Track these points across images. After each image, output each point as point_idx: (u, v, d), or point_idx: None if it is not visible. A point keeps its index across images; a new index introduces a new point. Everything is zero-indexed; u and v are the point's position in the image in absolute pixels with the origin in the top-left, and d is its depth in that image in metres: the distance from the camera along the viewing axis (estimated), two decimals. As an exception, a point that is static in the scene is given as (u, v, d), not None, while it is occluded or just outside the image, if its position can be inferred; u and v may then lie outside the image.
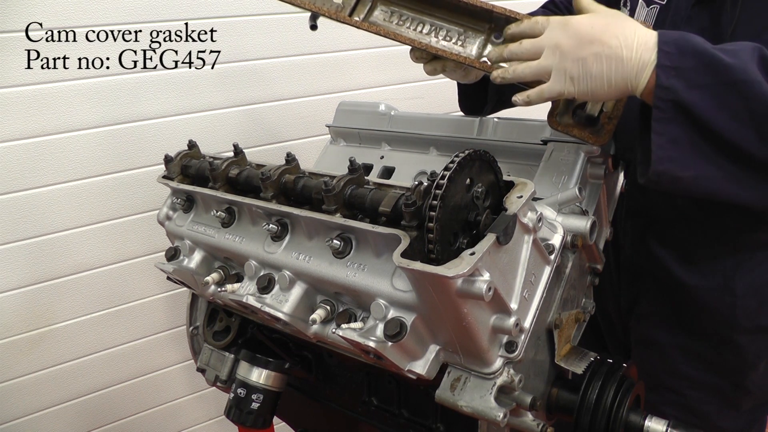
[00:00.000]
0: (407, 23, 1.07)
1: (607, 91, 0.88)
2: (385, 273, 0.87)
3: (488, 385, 0.85)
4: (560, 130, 1.00)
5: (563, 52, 0.88)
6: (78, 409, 1.81)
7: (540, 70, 0.91)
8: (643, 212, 1.26)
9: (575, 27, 0.88)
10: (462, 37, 1.05)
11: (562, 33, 0.89)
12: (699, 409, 1.23)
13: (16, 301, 1.65)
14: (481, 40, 1.04)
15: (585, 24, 0.88)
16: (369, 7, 1.08)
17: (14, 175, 1.57)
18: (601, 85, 0.87)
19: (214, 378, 1.24)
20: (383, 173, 1.33)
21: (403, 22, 1.07)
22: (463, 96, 1.35)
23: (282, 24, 1.85)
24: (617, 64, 0.86)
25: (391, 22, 1.07)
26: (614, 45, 0.86)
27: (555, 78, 0.89)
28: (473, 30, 1.05)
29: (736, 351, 1.19)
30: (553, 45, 0.89)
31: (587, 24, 0.88)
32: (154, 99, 1.71)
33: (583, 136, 0.99)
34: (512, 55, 0.94)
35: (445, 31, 1.05)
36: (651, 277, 1.27)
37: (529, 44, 0.92)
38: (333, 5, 1.08)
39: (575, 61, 0.87)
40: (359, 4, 1.08)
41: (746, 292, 1.16)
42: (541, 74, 0.91)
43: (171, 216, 1.24)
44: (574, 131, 0.99)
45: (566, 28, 0.89)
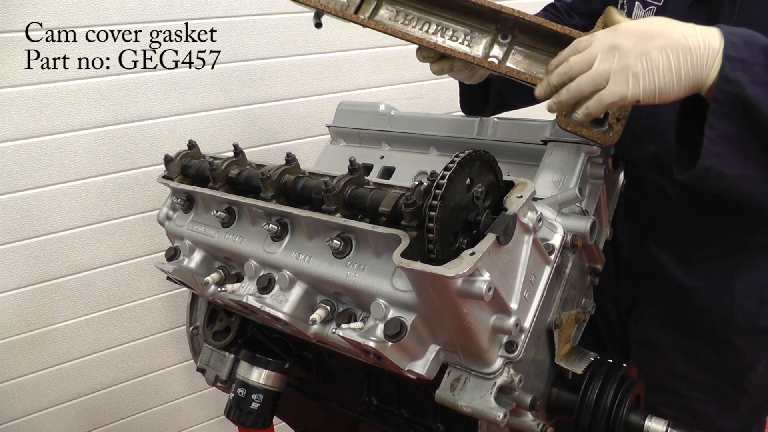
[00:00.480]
0: (413, 22, 1.06)
1: (677, 85, 0.81)
2: (385, 273, 0.87)
3: (488, 385, 0.85)
4: (569, 130, 0.99)
5: (622, 50, 0.81)
6: (78, 409, 1.81)
7: (597, 76, 0.83)
8: (642, 213, 1.26)
9: (629, 27, 0.83)
10: (469, 37, 1.05)
11: (616, 35, 0.83)
12: (698, 410, 1.23)
13: (16, 301, 1.65)
14: (487, 41, 1.04)
15: (638, 24, 0.84)
16: (374, 5, 1.08)
17: (14, 175, 1.57)
18: (670, 79, 0.81)
19: (214, 378, 1.24)
20: (383, 173, 1.33)
21: (408, 22, 1.07)
22: (465, 96, 1.35)
23: (282, 24, 1.85)
24: (685, 53, 0.80)
25: (397, 21, 1.07)
26: (678, 36, 0.80)
27: (615, 80, 0.82)
28: (480, 30, 1.05)
29: (734, 352, 1.19)
30: (608, 47, 0.82)
31: (640, 24, 0.83)
32: (154, 99, 1.71)
33: (592, 137, 0.98)
34: (560, 78, 0.87)
35: (451, 31, 1.05)
36: (649, 278, 1.27)
37: (578, 58, 0.85)
38: (338, 3, 1.08)
39: (638, 56, 0.80)
40: (364, 2, 1.08)
41: (745, 293, 1.16)
42: (600, 81, 0.83)
43: (171, 216, 1.24)
44: (584, 131, 0.98)
45: (618, 31, 0.83)
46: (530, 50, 1.04)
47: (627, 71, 0.81)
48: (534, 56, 1.04)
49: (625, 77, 0.81)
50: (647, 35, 0.81)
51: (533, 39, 1.03)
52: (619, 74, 0.82)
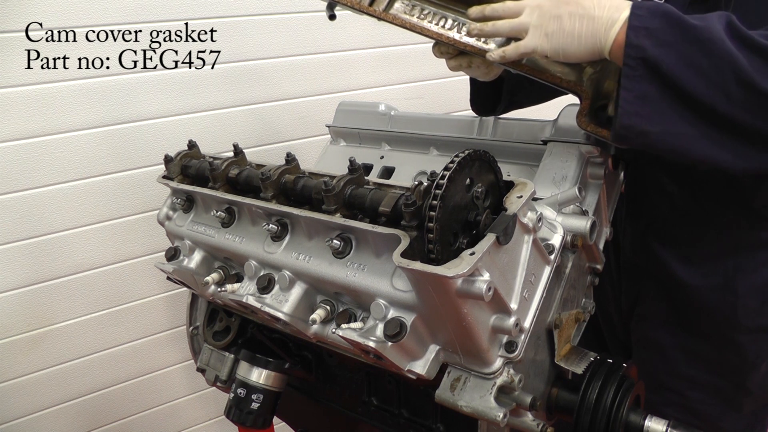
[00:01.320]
0: (429, 17, 1.05)
1: (577, 48, 0.92)
2: (385, 273, 0.87)
3: (488, 385, 0.85)
4: (589, 131, 0.99)
5: (542, 10, 0.94)
6: (78, 409, 1.81)
7: (518, 26, 0.96)
8: (644, 212, 1.26)
9: None
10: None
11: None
12: (700, 410, 1.23)
13: (16, 301, 1.65)
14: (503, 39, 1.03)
15: None
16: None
17: (14, 175, 1.57)
18: (572, 41, 0.92)
19: (214, 378, 1.24)
20: (383, 173, 1.33)
21: (424, 16, 1.05)
22: (476, 95, 1.34)
23: (282, 24, 1.85)
24: (588, 21, 0.91)
25: (413, 15, 1.06)
26: (587, 5, 0.92)
27: (531, 34, 0.95)
28: None
29: (737, 351, 1.19)
30: (535, 4, 0.95)
31: None
32: (153, 99, 1.71)
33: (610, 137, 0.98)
34: (494, 12, 0.99)
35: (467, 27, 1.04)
36: (652, 277, 1.27)
37: (512, 4, 0.98)
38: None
39: (552, 18, 0.93)
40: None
41: (747, 291, 1.16)
42: (519, 31, 0.96)
43: (171, 216, 1.24)
44: (603, 132, 0.98)
45: None
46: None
47: (541, 29, 0.94)
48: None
49: (539, 34, 0.94)
50: (565, 1, 0.93)
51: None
52: (535, 30, 0.95)
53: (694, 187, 1.16)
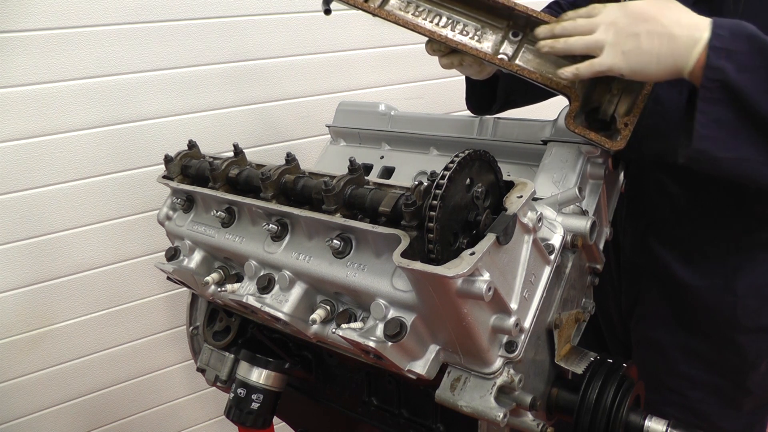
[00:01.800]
0: (423, 14, 1.06)
1: (656, 67, 0.89)
2: (385, 273, 0.87)
3: (488, 385, 0.85)
4: (577, 133, 0.99)
5: (618, 27, 0.91)
6: (78, 409, 1.81)
7: (593, 43, 0.93)
8: (644, 212, 1.26)
9: (633, 7, 0.92)
10: (479, 33, 1.04)
11: (620, 12, 0.92)
12: (700, 410, 1.23)
13: (16, 301, 1.65)
14: (498, 37, 1.04)
15: (642, 5, 0.92)
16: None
17: (14, 175, 1.57)
18: (650, 60, 0.89)
19: (214, 378, 1.24)
20: (383, 173, 1.33)
21: (419, 13, 1.06)
22: (472, 94, 1.35)
23: (282, 24, 1.85)
24: (668, 40, 0.88)
25: (407, 12, 1.07)
26: (666, 23, 0.88)
27: (607, 52, 0.91)
28: (491, 26, 1.04)
29: (737, 351, 1.19)
30: (609, 21, 0.92)
31: (644, 5, 0.92)
32: (153, 99, 1.71)
33: (600, 141, 0.99)
34: (564, 31, 0.96)
35: (462, 25, 1.05)
36: (652, 277, 1.27)
37: (584, 21, 0.95)
38: None
39: (629, 36, 0.90)
40: None
41: (747, 291, 1.16)
42: (594, 48, 0.93)
43: (171, 216, 1.24)
44: (591, 135, 0.99)
45: (624, 8, 0.92)
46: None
47: (618, 47, 0.91)
48: (544, 56, 1.03)
49: (615, 52, 0.91)
50: (642, 18, 0.90)
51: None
52: (611, 48, 0.91)
53: (696, 188, 1.16)
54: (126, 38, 1.63)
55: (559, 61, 1.02)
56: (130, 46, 1.64)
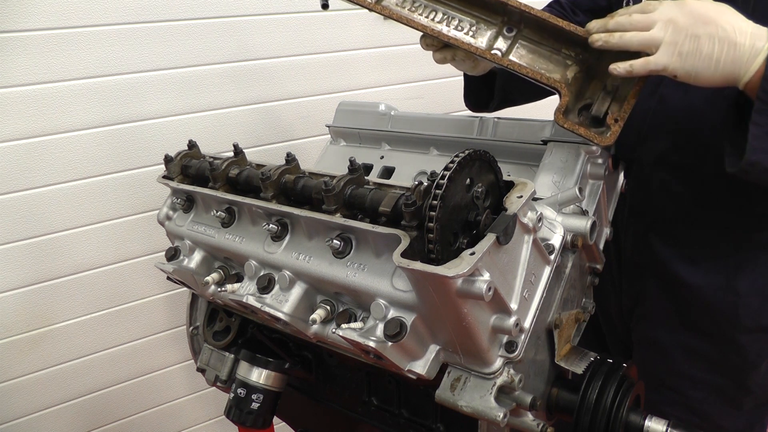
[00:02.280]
0: (419, 10, 1.07)
1: (713, 73, 0.88)
2: (385, 273, 0.87)
3: (488, 385, 0.85)
4: (566, 128, 0.99)
5: (677, 26, 0.88)
6: (78, 409, 1.81)
7: (650, 41, 0.90)
8: (646, 211, 1.26)
9: (692, 6, 0.89)
10: (474, 28, 1.05)
11: (678, 10, 0.89)
12: (700, 409, 1.23)
13: (16, 301, 1.65)
14: (492, 33, 1.04)
15: (701, 6, 0.89)
16: None
17: (14, 175, 1.57)
18: (708, 65, 0.87)
19: (214, 378, 1.24)
20: (383, 173, 1.33)
21: (415, 9, 1.07)
22: (469, 91, 1.35)
23: (282, 24, 1.85)
24: (730, 47, 0.86)
25: (404, 8, 1.08)
26: (729, 29, 0.86)
27: (664, 51, 0.89)
28: (486, 22, 1.05)
29: (738, 350, 1.19)
30: (667, 19, 0.89)
31: (703, 6, 0.89)
32: (154, 99, 1.71)
33: (588, 136, 0.99)
34: (618, 26, 0.93)
35: (457, 21, 1.06)
36: (653, 276, 1.27)
37: (640, 17, 0.92)
38: None
39: (689, 37, 0.87)
40: None
41: (749, 291, 1.16)
42: (649, 46, 0.90)
43: (171, 216, 1.24)
44: (581, 130, 0.99)
45: (682, 7, 0.90)
46: (534, 45, 1.04)
47: (675, 47, 0.88)
48: (538, 51, 1.04)
49: (672, 51, 0.88)
50: (703, 20, 0.87)
51: (538, 34, 1.04)
52: (668, 47, 0.89)
53: (698, 188, 1.16)
54: (126, 38, 1.63)
55: (553, 57, 1.02)
56: (130, 46, 1.64)
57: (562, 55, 1.02)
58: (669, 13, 0.90)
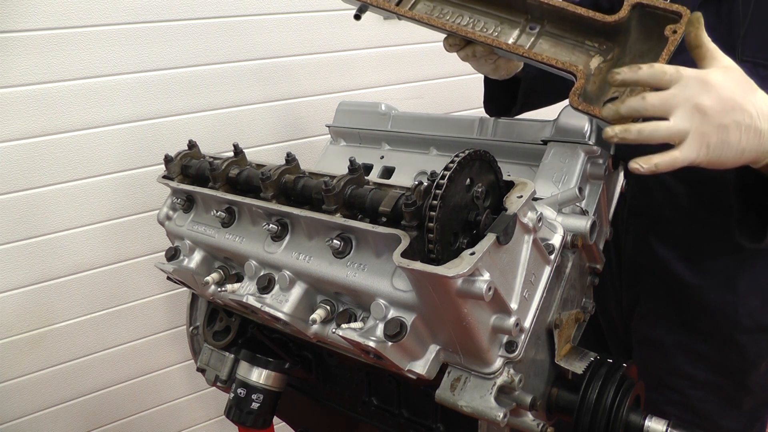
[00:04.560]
0: (447, 16, 1.10)
1: (736, 160, 0.83)
2: (385, 273, 0.87)
3: (488, 385, 0.85)
4: (581, 110, 0.94)
5: (705, 115, 0.79)
6: (78, 409, 1.81)
7: (676, 133, 0.80)
8: (646, 211, 1.26)
9: (717, 89, 0.80)
10: (499, 29, 1.07)
11: (704, 94, 0.79)
12: (700, 409, 1.23)
13: (16, 301, 1.65)
14: (517, 32, 1.05)
15: (726, 86, 0.80)
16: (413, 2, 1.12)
17: (14, 175, 1.57)
18: (734, 155, 0.82)
19: (214, 378, 1.24)
20: (383, 173, 1.33)
21: (443, 15, 1.10)
22: (491, 97, 1.34)
23: (282, 24, 1.85)
24: (755, 135, 0.81)
25: (432, 14, 1.11)
26: (754, 115, 0.81)
27: (692, 143, 0.80)
28: (510, 22, 1.06)
29: (737, 350, 1.19)
30: (692, 106, 0.79)
31: (728, 86, 0.80)
32: (154, 99, 1.71)
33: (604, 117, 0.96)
34: (632, 112, 0.82)
35: (482, 23, 1.07)
36: (653, 276, 1.27)
37: (657, 101, 0.80)
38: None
39: (717, 127, 0.79)
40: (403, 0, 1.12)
41: (748, 291, 1.16)
42: (675, 139, 0.80)
43: (171, 216, 1.24)
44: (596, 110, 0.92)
45: (708, 89, 0.79)
46: (557, 39, 1.04)
47: (704, 139, 0.80)
48: (561, 45, 1.03)
49: (701, 144, 0.80)
50: (731, 105, 0.79)
51: (560, 27, 1.04)
52: (697, 139, 0.80)
53: (698, 188, 1.16)
54: (126, 38, 1.63)
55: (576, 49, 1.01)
56: (130, 46, 1.64)
57: (585, 47, 1.01)
58: (693, 96, 0.79)
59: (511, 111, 1.32)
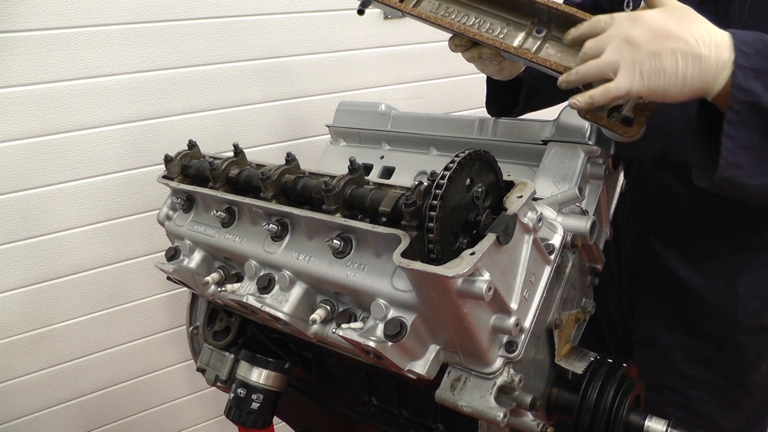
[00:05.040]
0: (452, 15, 1.09)
1: (680, 90, 0.82)
2: (385, 273, 0.87)
3: (488, 385, 0.85)
4: (588, 119, 0.95)
5: (634, 45, 0.81)
6: (78, 409, 1.81)
7: (606, 65, 0.83)
8: (646, 211, 1.26)
9: (648, 20, 0.82)
10: (505, 31, 1.06)
11: (633, 26, 0.82)
12: (700, 409, 1.23)
13: (16, 301, 1.65)
14: (523, 35, 1.05)
15: (659, 18, 0.82)
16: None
17: (14, 175, 1.57)
18: (674, 83, 0.81)
19: (214, 378, 1.24)
20: (383, 173, 1.33)
21: (448, 14, 1.09)
22: (493, 97, 1.34)
23: (282, 24, 1.85)
24: (694, 61, 0.80)
25: (438, 13, 1.10)
26: (691, 42, 0.80)
27: (624, 73, 0.82)
28: (516, 24, 1.06)
29: (738, 351, 1.19)
30: (622, 38, 0.82)
31: (661, 18, 0.82)
32: (153, 99, 1.71)
33: (612, 127, 0.95)
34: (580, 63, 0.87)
35: (488, 24, 1.07)
36: (653, 276, 1.27)
37: (592, 42, 0.85)
38: None
39: (649, 55, 0.80)
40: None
41: (749, 291, 1.16)
42: (607, 71, 0.83)
43: (171, 216, 1.24)
44: (603, 121, 0.94)
45: (637, 22, 0.82)
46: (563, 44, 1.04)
47: (635, 67, 0.81)
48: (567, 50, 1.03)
49: (633, 73, 0.81)
50: (662, 34, 0.80)
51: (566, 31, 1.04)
52: (628, 69, 0.81)
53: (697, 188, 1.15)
54: (126, 38, 1.63)
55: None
56: (130, 46, 1.64)
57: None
58: (623, 29, 0.82)
59: (513, 111, 1.32)
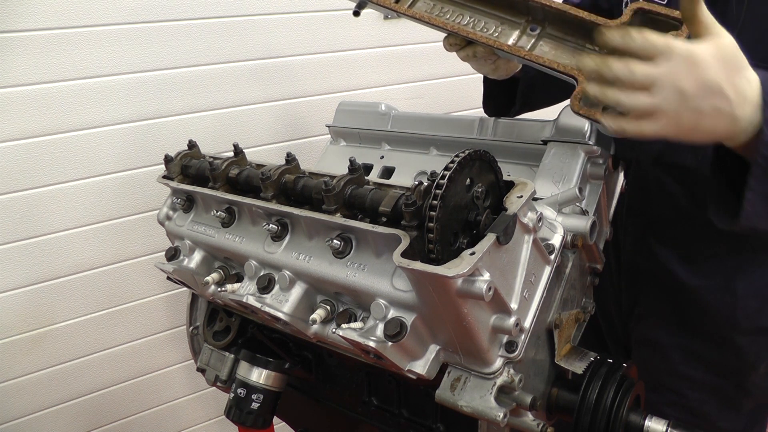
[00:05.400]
0: (447, 15, 1.09)
1: (704, 140, 0.82)
2: (385, 273, 0.87)
3: (488, 385, 0.85)
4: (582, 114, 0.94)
5: (684, 96, 0.76)
6: (78, 409, 1.81)
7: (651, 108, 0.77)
8: (645, 212, 1.26)
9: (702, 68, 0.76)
10: (499, 29, 1.06)
11: (688, 74, 0.76)
12: (699, 410, 1.23)
13: (16, 301, 1.65)
14: (517, 33, 1.05)
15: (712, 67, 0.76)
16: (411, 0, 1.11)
17: (14, 175, 1.57)
18: (703, 137, 0.81)
19: (214, 378, 1.24)
20: (383, 173, 1.33)
21: (443, 14, 1.09)
22: (489, 97, 1.34)
23: (281, 24, 1.85)
24: (730, 122, 0.79)
25: (432, 13, 1.10)
26: (733, 99, 0.77)
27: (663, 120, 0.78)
28: (510, 23, 1.06)
29: (736, 352, 1.19)
30: (675, 87, 0.76)
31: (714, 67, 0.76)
32: (153, 99, 1.71)
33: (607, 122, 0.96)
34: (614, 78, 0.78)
35: (483, 23, 1.07)
36: (652, 277, 1.27)
37: (642, 75, 0.76)
38: None
39: (693, 110, 0.77)
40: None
41: (747, 292, 1.16)
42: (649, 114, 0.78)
43: (171, 216, 1.24)
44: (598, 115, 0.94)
45: (692, 70, 0.76)
46: (558, 42, 1.03)
47: (677, 119, 0.78)
48: (561, 47, 1.03)
49: (671, 122, 0.78)
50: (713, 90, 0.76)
51: (561, 30, 1.03)
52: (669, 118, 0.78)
53: (695, 189, 1.16)
54: (126, 38, 1.63)
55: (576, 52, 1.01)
56: (130, 46, 1.64)
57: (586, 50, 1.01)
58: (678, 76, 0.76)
59: (510, 111, 1.32)
